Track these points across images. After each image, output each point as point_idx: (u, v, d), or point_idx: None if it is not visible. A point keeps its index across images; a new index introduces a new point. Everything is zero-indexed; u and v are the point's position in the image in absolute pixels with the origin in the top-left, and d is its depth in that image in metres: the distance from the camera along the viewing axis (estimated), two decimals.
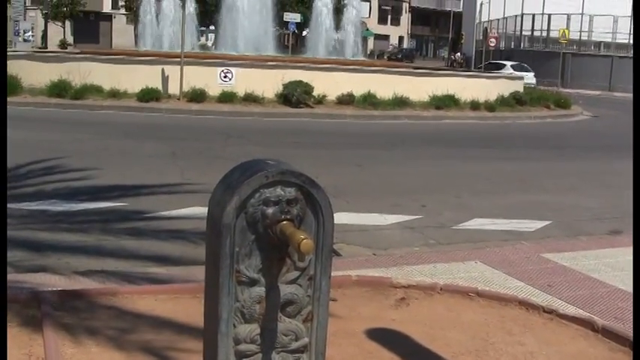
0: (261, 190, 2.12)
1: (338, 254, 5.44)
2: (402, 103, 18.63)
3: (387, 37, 76.06)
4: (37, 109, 15.95)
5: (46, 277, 4.53)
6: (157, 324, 3.71)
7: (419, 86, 19.54)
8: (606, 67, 40.81)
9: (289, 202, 2.14)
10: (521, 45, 48.39)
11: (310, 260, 2.22)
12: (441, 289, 4.48)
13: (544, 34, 46.21)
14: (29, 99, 16.92)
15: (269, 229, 2.13)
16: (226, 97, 17.55)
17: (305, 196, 2.17)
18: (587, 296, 4.66)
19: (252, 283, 2.18)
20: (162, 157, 10.06)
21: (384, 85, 18.90)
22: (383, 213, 7.17)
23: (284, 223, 2.11)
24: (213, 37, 41.84)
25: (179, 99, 17.48)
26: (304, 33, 40.95)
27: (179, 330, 3.63)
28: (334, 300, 3.94)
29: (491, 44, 42.10)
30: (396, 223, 6.85)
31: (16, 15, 42.96)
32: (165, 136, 12.51)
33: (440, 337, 3.76)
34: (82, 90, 17.28)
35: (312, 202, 2.19)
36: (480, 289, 4.52)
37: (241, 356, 2.21)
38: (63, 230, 5.94)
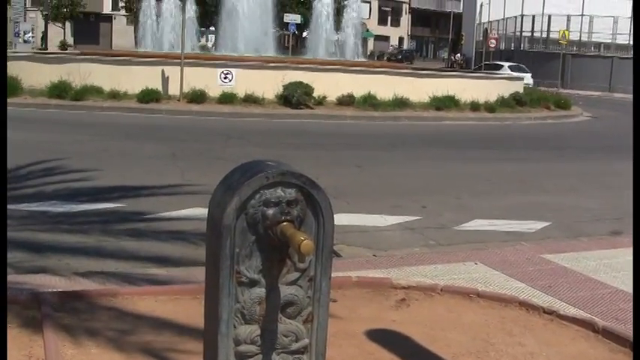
0: (262, 191, 2.12)
1: (338, 255, 5.44)
2: (402, 104, 18.63)
3: (387, 38, 76.10)
4: (37, 110, 15.94)
5: (46, 278, 4.53)
6: (157, 325, 3.71)
7: (419, 87, 19.54)
8: (606, 68, 40.82)
9: (289, 203, 2.14)
10: (522, 46, 48.41)
11: (310, 261, 2.22)
12: (442, 290, 4.48)
13: (544, 35, 46.24)
14: (29, 100, 16.91)
15: (269, 230, 2.12)
16: (226, 98, 17.55)
17: (305, 197, 2.17)
18: (587, 297, 4.66)
19: (253, 284, 2.17)
20: (162, 158, 10.06)
21: (384, 86, 18.90)
22: (383, 214, 7.17)
23: (284, 224, 2.11)
24: (213, 38, 41.87)
25: (179, 100, 17.48)
26: (304, 34, 40.95)
27: (179, 331, 3.63)
28: (334, 301, 3.93)
29: (492, 45, 42.15)
30: (397, 224, 6.85)
31: (16, 16, 42.98)
32: (166, 137, 12.51)
33: (440, 338, 3.75)
34: (82, 91, 17.27)
35: (313, 203, 2.19)
36: (481, 290, 4.52)
37: (241, 357, 2.21)
38: (63, 231, 5.94)
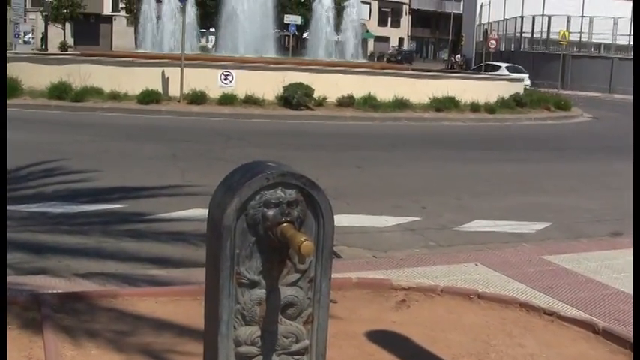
0: (262, 192, 2.12)
1: (338, 256, 5.44)
2: (402, 105, 18.63)
3: (387, 39, 76.10)
4: (37, 111, 15.93)
5: (47, 280, 4.53)
6: (157, 326, 3.71)
7: (419, 88, 19.53)
8: (606, 68, 40.82)
9: (290, 204, 2.14)
10: (522, 47, 48.40)
11: (310, 262, 2.22)
12: (442, 290, 4.48)
13: (544, 35, 46.23)
14: (29, 101, 16.91)
15: (269, 231, 2.13)
16: (227, 99, 17.55)
17: (305, 198, 2.17)
18: (587, 298, 4.66)
19: (253, 285, 2.17)
20: (162, 159, 10.06)
21: (384, 87, 18.89)
22: (383, 215, 7.17)
23: (284, 225, 2.11)
24: (213, 39, 41.90)
25: (179, 101, 17.48)
26: (304, 35, 40.96)
27: (179, 332, 3.63)
28: (334, 302, 3.93)
29: (492, 46, 42.09)
30: (397, 225, 6.85)
31: (17, 17, 42.96)
32: (166, 138, 12.51)
33: (440, 339, 3.75)
34: (82, 92, 17.27)
35: (313, 204, 2.19)
36: (481, 291, 4.51)
37: (242, 358, 2.21)
38: (63, 232, 5.94)
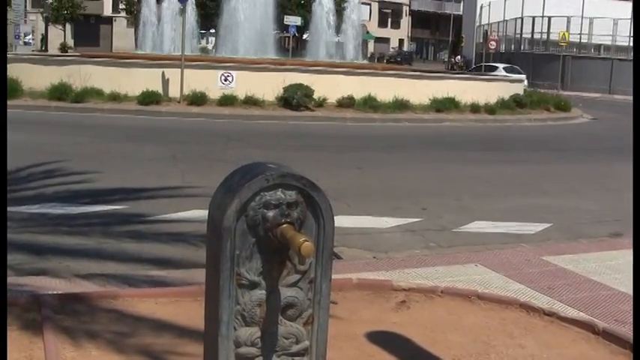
0: (262, 194, 2.12)
1: (338, 257, 5.44)
2: (402, 106, 18.63)
3: (387, 40, 76.13)
4: (37, 112, 15.94)
5: (47, 281, 4.53)
6: (157, 327, 3.71)
7: (419, 89, 19.53)
8: (606, 69, 40.85)
9: (290, 205, 2.14)
10: (522, 48, 48.42)
11: (311, 263, 2.22)
12: (442, 292, 4.48)
13: (544, 36, 46.26)
14: (30, 102, 16.91)
15: (269, 232, 2.13)
16: (227, 100, 17.56)
17: (305, 199, 2.18)
18: (588, 299, 4.66)
19: (253, 286, 2.18)
20: (162, 160, 10.06)
21: (384, 88, 18.90)
22: (383, 216, 7.17)
23: (284, 226, 2.11)
24: (213, 40, 41.90)
25: (179, 102, 17.48)
26: (305, 36, 40.98)
27: (180, 333, 3.63)
28: (335, 303, 3.93)
29: (492, 47, 42.13)
30: (397, 226, 6.85)
31: (17, 18, 42.98)
32: (166, 140, 12.51)
33: (441, 340, 3.75)
34: (82, 93, 17.28)
35: (313, 205, 2.19)
36: (481, 291, 4.51)
37: (242, 359, 2.21)
38: (63, 233, 5.94)
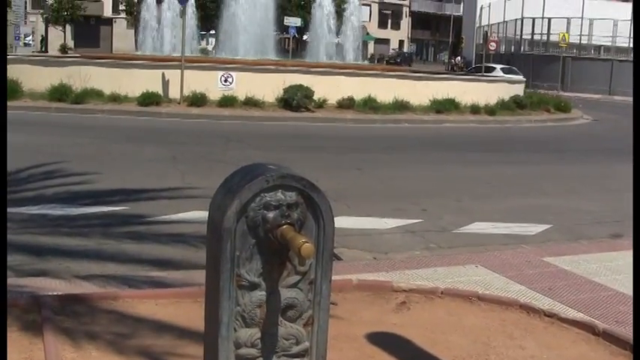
0: (262, 195, 2.12)
1: (339, 258, 5.44)
2: (402, 107, 18.64)
3: (387, 42, 76.17)
4: (37, 113, 15.94)
5: (47, 282, 4.53)
6: (157, 328, 3.71)
7: (419, 90, 19.54)
8: (606, 70, 40.85)
9: (290, 207, 2.14)
10: (522, 49, 48.42)
11: (311, 264, 2.22)
12: (442, 293, 4.48)
13: (544, 37, 46.26)
14: (30, 103, 16.91)
15: (270, 233, 2.13)
16: (227, 102, 17.55)
17: (306, 200, 2.18)
18: (588, 300, 4.65)
19: (253, 287, 2.17)
20: (162, 162, 10.06)
21: (384, 89, 18.90)
22: (384, 217, 7.17)
23: (284, 227, 2.11)
24: (213, 42, 41.92)
25: (179, 103, 17.49)
26: (305, 37, 40.98)
27: (180, 334, 3.62)
28: (335, 304, 3.93)
29: (492, 48, 42.07)
30: (397, 227, 6.84)
31: (17, 19, 42.99)
32: (166, 141, 12.51)
33: (441, 341, 3.75)
34: (82, 94, 17.28)
35: (313, 206, 2.19)
36: (481, 292, 4.51)
37: None
38: (63, 234, 5.94)
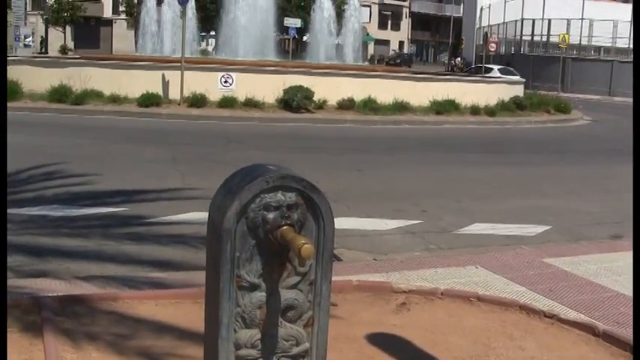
0: (262, 195, 2.12)
1: (339, 259, 5.44)
2: (402, 108, 18.64)
3: (387, 42, 76.17)
4: (37, 114, 15.95)
5: (47, 283, 4.53)
6: (157, 329, 3.71)
7: (419, 91, 19.55)
8: (606, 71, 40.85)
9: (290, 207, 2.14)
10: (522, 50, 48.44)
11: (311, 265, 2.22)
12: (442, 294, 4.48)
13: (544, 38, 46.30)
14: (30, 104, 16.92)
15: (270, 234, 2.13)
16: (227, 103, 17.55)
17: (306, 201, 2.18)
18: (588, 301, 4.65)
19: (253, 288, 2.18)
20: (162, 162, 10.06)
21: (384, 90, 18.90)
22: (383, 218, 7.17)
23: (284, 228, 2.11)
24: (213, 43, 41.94)
25: (179, 104, 17.49)
26: (305, 38, 41.01)
27: (180, 335, 3.62)
28: (335, 305, 3.93)
29: (492, 49, 42.10)
30: (397, 228, 6.85)
31: (17, 20, 42.97)
32: (166, 141, 12.51)
33: (441, 342, 3.75)
34: (82, 95, 17.28)
35: (313, 207, 2.19)
36: (481, 293, 4.51)
37: None
38: (63, 235, 5.94)
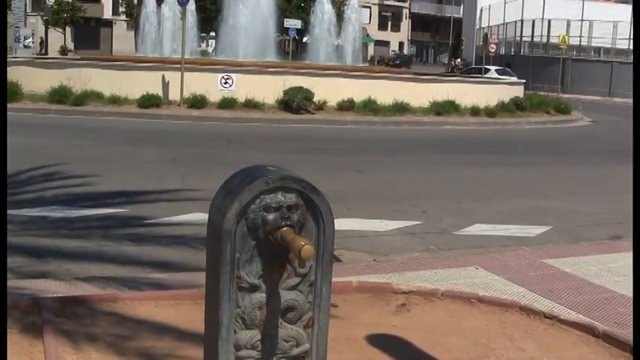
0: (262, 196, 2.12)
1: (339, 260, 5.44)
2: (402, 109, 18.64)
3: (387, 43, 76.21)
4: (37, 115, 15.94)
5: (47, 283, 4.53)
6: (157, 330, 3.71)
7: (419, 92, 19.55)
8: (606, 72, 40.87)
9: (290, 208, 2.14)
10: (522, 51, 48.45)
11: (311, 266, 2.23)
12: (442, 294, 4.48)
13: (544, 39, 46.29)
14: (30, 105, 16.92)
15: (270, 235, 2.13)
16: (227, 103, 17.56)
17: (306, 202, 2.18)
18: (588, 302, 4.65)
19: (253, 289, 2.18)
20: (162, 163, 10.07)
21: (384, 91, 18.91)
22: (383, 219, 7.17)
23: (284, 229, 2.11)
24: (213, 43, 41.94)
25: (179, 105, 17.49)
26: (305, 39, 41.01)
27: (180, 336, 3.62)
28: (335, 306, 3.93)
29: (492, 50, 42.11)
30: (397, 228, 6.84)
31: (17, 21, 42.98)
32: (166, 142, 12.51)
33: (441, 343, 3.75)
34: (82, 96, 17.28)
35: (313, 208, 2.19)
36: (481, 294, 4.51)
37: None
38: (63, 236, 5.94)
